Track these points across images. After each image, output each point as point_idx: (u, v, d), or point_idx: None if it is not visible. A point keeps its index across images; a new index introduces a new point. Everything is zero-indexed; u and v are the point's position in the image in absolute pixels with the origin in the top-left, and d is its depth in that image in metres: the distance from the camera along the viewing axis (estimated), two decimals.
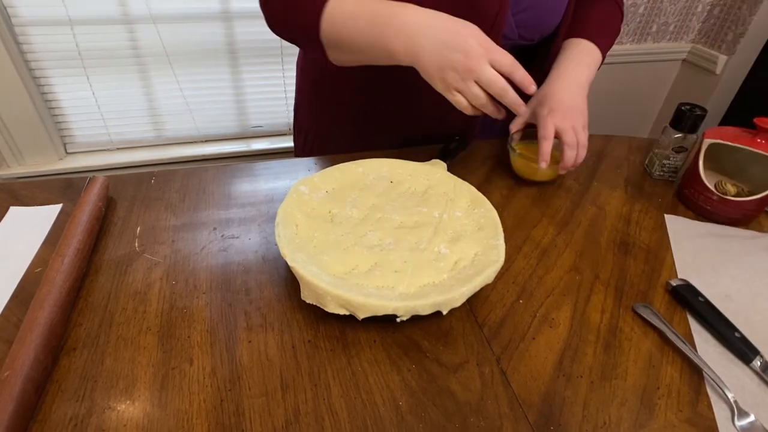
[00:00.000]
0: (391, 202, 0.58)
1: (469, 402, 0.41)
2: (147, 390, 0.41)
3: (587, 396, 0.42)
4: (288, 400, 0.40)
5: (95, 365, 0.42)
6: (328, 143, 0.84)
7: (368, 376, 0.43)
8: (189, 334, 0.45)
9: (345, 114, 0.81)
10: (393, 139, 0.79)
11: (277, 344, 0.45)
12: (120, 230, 0.58)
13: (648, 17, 1.57)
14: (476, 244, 0.52)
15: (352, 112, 0.80)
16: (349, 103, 0.79)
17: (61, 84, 1.25)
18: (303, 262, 0.47)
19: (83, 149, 1.38)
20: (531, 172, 0.67)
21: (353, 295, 0.43)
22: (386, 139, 0.79)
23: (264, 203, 0.64)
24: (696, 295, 0.51)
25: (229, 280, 0.52)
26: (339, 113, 0.81)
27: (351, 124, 0.81)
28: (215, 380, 0.42)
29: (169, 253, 0.55)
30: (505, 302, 0.51)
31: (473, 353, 0.45)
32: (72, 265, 0.49)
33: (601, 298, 0.52)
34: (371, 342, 0.46)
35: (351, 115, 0.80)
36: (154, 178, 0.68)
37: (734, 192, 0.64)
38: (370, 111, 0.78)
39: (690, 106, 0.67)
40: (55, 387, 0.40)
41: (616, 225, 0.64)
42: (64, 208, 0.61)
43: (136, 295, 0.49)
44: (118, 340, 0.45)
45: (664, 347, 0.47)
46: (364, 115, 0.79)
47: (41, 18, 1.14)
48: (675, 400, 0.42)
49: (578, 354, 0.46)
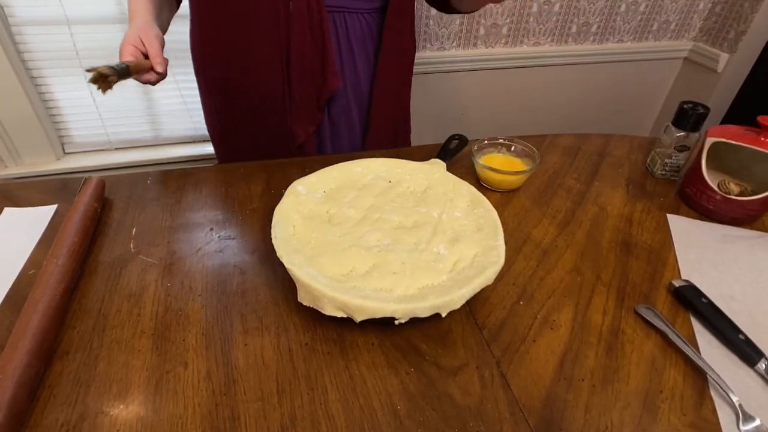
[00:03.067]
0: (390, 203, 0.58)
1: (469, 406, 0.40)
2: (141, 394, 0.40)
3: (589, 400, 0.41)
4: (284, 405, 0.40)
5: (88, 369, 0.42)
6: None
7: (366, 380, 0.42)
8: (184, 337, 0.45)
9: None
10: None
11: (274, 347, 0.44)
12: (115, 231, 0.57)
13: (649, 15, 1.56)
14: (476, 244, 0.51)
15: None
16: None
17: (59, 84, 1.24)
18: (300, 263, 0.46)
19: (81, 149, 1.37)
20: (496, 181, 0.67)
21: (350, 297, 0.42)
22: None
23: (261, 203, 0.63)
24: (699, 296, 0.50)
25: (225, 282, 0.51)
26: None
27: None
28: (210, 384, 0.41)
29: (165, 255, 0.54)
30: (505, 304, 0.50)
31: (473, 356, 0.45)
32: (66, 267, 0.48)
33: (603, 300, 0.51)
34: (369, 345, 0.45)
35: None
36: (150, 178, 0.67)
37: (737, 191, 0.63)
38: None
39: (692, 105, 0.67)
40: (47, 392, 0.40)
41: (617, 225, 0.63)
42: (59, 209, 0.60)
43: (130, 297, 0.49)
44: (111, 343, 0.44)
45: (666, 350, 0.46)
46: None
47: (38, 18, 1.13)
48: (678, 404, 0.42)
49: (579, 357, 0.45)
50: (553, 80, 1.61)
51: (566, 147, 0.81)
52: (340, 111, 0.80)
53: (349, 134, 0.84)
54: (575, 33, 1.53)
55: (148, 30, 0.65)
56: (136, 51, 0.63)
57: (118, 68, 0.58)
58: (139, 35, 0.64)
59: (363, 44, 0.77)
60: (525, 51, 1.51)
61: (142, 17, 0.67)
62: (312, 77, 0.74)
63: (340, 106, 0.79)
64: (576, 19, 1.50)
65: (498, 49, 1.48)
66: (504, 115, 1.66)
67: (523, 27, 1.46)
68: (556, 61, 1.56)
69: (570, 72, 1.61)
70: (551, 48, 1.53)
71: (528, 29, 1.47)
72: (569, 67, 1.60)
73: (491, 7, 1.38)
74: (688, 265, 0.56)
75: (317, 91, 0.75)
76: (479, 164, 0.67)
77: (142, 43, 0.63)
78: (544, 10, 1.44)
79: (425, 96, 1.51)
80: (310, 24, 0.69)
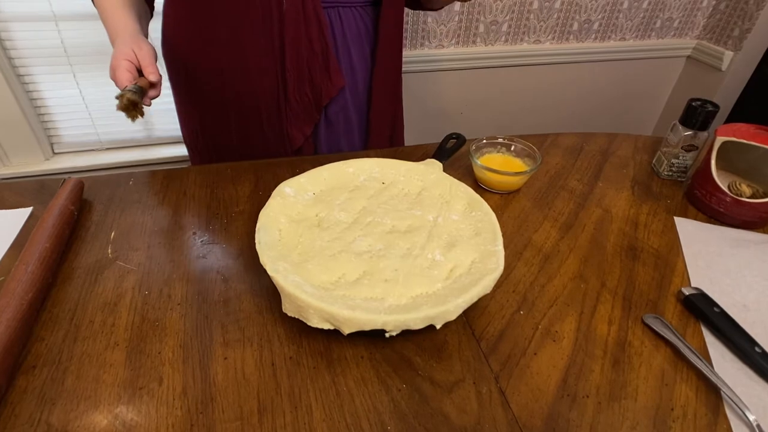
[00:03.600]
0: (383, 205, 0.55)
1: (465, 426, 0.37)
2: (110, 413, 0.37)
3: (594, 418, 0.38)
4: (265, 425, 0.37)
5: (55, 385, 0.39)
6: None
7: (354, 397, 0.39)
8: (160, 350, 0.42)
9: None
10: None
11: (256, 361, 0.41)
12: (93, 235, 0.54)
13: (652, 13, 1.53)
14: (473, 250, 0.48)
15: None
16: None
17: (47, 82, 1.21)
18: (285, 271, 0.43)
19: (71, 149, 1.34)
20: (495, 183, 0.64)
21: (338, 308, 0.39)
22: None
23: (248, 205, 0.60)
24: (710, 305, 0.47)
25: (207, 289, 0.48)
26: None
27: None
28: (186, 402, 0.38)
29: (144, 261, 0.51)
30: (504, 313, 0.47)
31: (470, 370, 0.41)
32: (35, 274, 0.45)
33: (609, 309, 0.48)
34: (358, 358, 0.42)
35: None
36: (132, 179, 0.64)
37: (749, 193, 0.60)
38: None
39: (701, 102, 0.64)
40: (8, 410, 0.37)
41: (622, 228, 0.60)
42: (34, 212, 0.57)
43: (105, 306, 0.46)
44: (82, 356, 0.41)
45: (677, 363, 0.43)
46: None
47: (24, 13, 1.10)
48: (691, 423, 0.38)
49: (584, 371, 0.42)
50: (554, 79, 1.59)
51: (568, 146, 0.78)
52: (338, 110, 0.77)
53: (347, 135, 0.81)
54: (577, 30, 1.50)
55: (141, 43, 0.61)
56: (132, 66, 0.59)
57: (138, 91, 0.56)
58: (132, 49, 0.60)
59: (359, 39, 0.74)
60: (525, 49, 1.48)
61: (127, 31, 0.63)
62: (310, 78, 0.71)
63: (337, 106, 0.77)
64: (577, 17, 1.47)
65: (498, 46, 1.45)
66: (503, 114, 1.63)
67: (524, 24, 1.43)
68: (557, 59, 1.53)
69: (571, 70, 1.59)
70: (552, 46, 1.51)
71: (528, 27, 1.44)
72: (570, 66, 1.57)
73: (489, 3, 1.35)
74: (698, 271, 0.53)
75: (315, 92, 0.73)
76: (477, 165, 0.64)
77: (135, 57, 0.60)
78: (545, 7, 1.41)
79: (423, 95, 1.48)
80: (306, 23, 0.66)
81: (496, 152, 0.70)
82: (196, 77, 0.74)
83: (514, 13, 1.40)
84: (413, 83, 1.43)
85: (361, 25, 0.73)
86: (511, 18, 1.40)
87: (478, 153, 0.69)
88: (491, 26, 1.40)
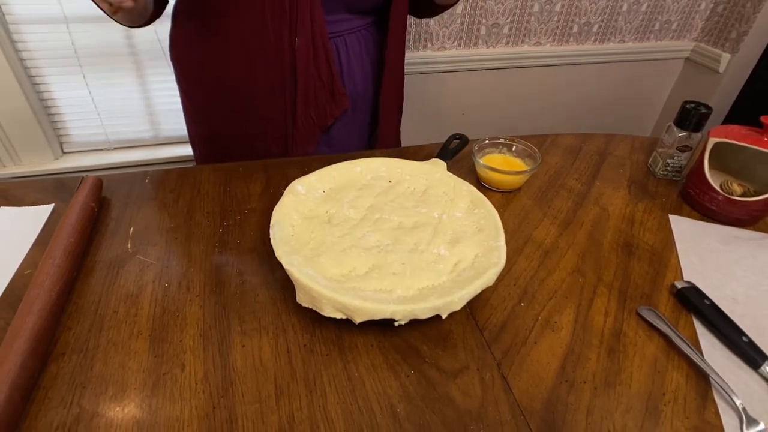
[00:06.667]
0: (390, 203, 0.57)
1: (469, 409, 0.40)
2: (137, 397, 0.39)
3: (591, 403, 0.41)
4: (282, 407, 0.39)
5: (84, 371, 0.41)
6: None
7: (365, 382, 0.41)
8: (181, 339, 0.44)
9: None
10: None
11: (272, 349, 0.44)
12: (112, 231, 0.57)
13: (650, 15, 1.55)
14: (476, 245, 0.51)
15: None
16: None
17: (57, 83, 1.23)
18: (299, 264, 0.45)
19: (80, 149, 1.36)
20: (497, 181, 0.67)
21: (350, 298, 0.42)
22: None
23: (260, 203, 0.62)
24: (702, 298, 0.50)
25: (223, 282, 0.50)
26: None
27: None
28: (207, 386, 0.40)
29: (162, 255, 0.53)
30: (506, 305, 0.50)
31: (473, 358, 0.44)
32: (62, 267, 0.47)
33: (605, 301, 0.51)
34: (369, 346, 0.44)
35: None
36: (148, 178, 0.66)
37: (740, 192, 0.63)
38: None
39: (695, 104, 0.66)
40: (42, 394, 0.39)
41: (619, 226, 0.62)
42: (56, 209, 0.60)
43: (127, 297, 0.48)
44: (108, 344, 0.43)
45: (669, 352, 0.46)
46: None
47: (36, 16, 1.13)
48: (681, 407, 0.41)
49: (581, 359, 0.45)
50: (554, 80, 1.61)
51: (567, 147, 0.81)
52: (341, 127, 0.80)
53: (349, 150, 0.84)
54: (576, 33, 1.52)
55: None
56: None
57: None
58: None
59: (360, 59, 0.76)
60: (526, 51, 1.50)
61: None
62: (315, 102, 0.73)
63: (341, 124, 0.79)
64: (577, 19, 1.49)
65: (499, 48, 1.48)
66: (505, 115, 1.65)
67: (525, 27, 1.46)
68: (557, 61, 1.56)
69: (571, 72, 1.61)
70: (552, 48, 1.53)
71: (529, 29, 1.47)
72: (570, 67, 1.60)
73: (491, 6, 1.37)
74: (690, 266, 0.56)
75: (320, 116, 0.75)
76: (480, 164, 0.67)
77: None
78: (545, 9, 1.43)
79: (426, 96, 1.51)
80: (314, 55, 0.68)
81: (498, 152, 0.73)
82: (205, 93, 0.76)
83: (515, 16, 1.42)
84: (416, 84, 1.45)
85: (364, 45, 0.76)
86: (512, 20, 1.43)
87: (481, 153, 0.71)
88: (492, 28, 1.43)
